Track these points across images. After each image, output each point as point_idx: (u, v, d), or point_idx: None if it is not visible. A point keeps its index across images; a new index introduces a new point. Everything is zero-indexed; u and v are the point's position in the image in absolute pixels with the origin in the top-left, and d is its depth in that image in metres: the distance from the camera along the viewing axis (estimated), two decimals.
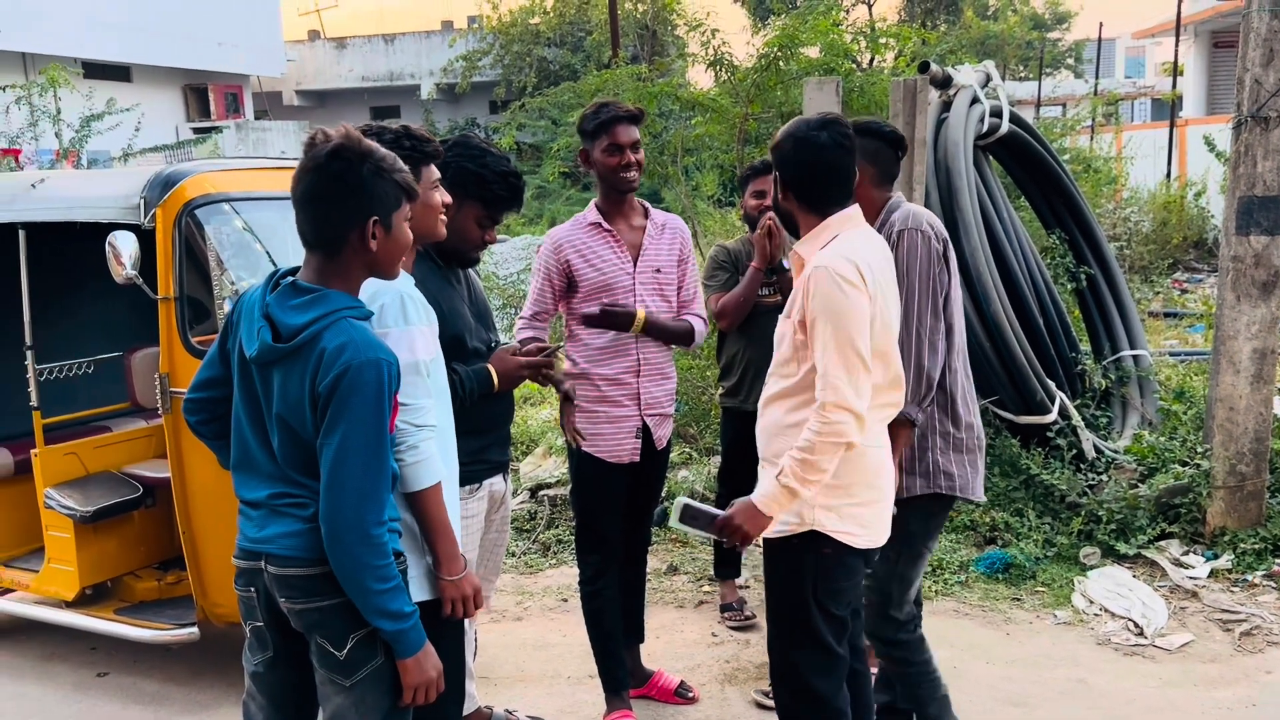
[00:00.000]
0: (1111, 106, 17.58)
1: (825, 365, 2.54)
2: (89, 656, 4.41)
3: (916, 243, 2.90)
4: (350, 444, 2.13)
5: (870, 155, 2.96)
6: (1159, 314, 9.89)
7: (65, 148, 15.69)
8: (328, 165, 2.16)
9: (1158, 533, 4.81)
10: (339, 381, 2.12)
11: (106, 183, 4.03)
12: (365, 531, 2.16)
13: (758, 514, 2.60)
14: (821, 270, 2.56)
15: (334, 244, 2.21)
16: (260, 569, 2.28)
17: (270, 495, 2.27)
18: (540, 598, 4.85)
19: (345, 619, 2.23)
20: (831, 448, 2.52)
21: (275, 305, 2.21)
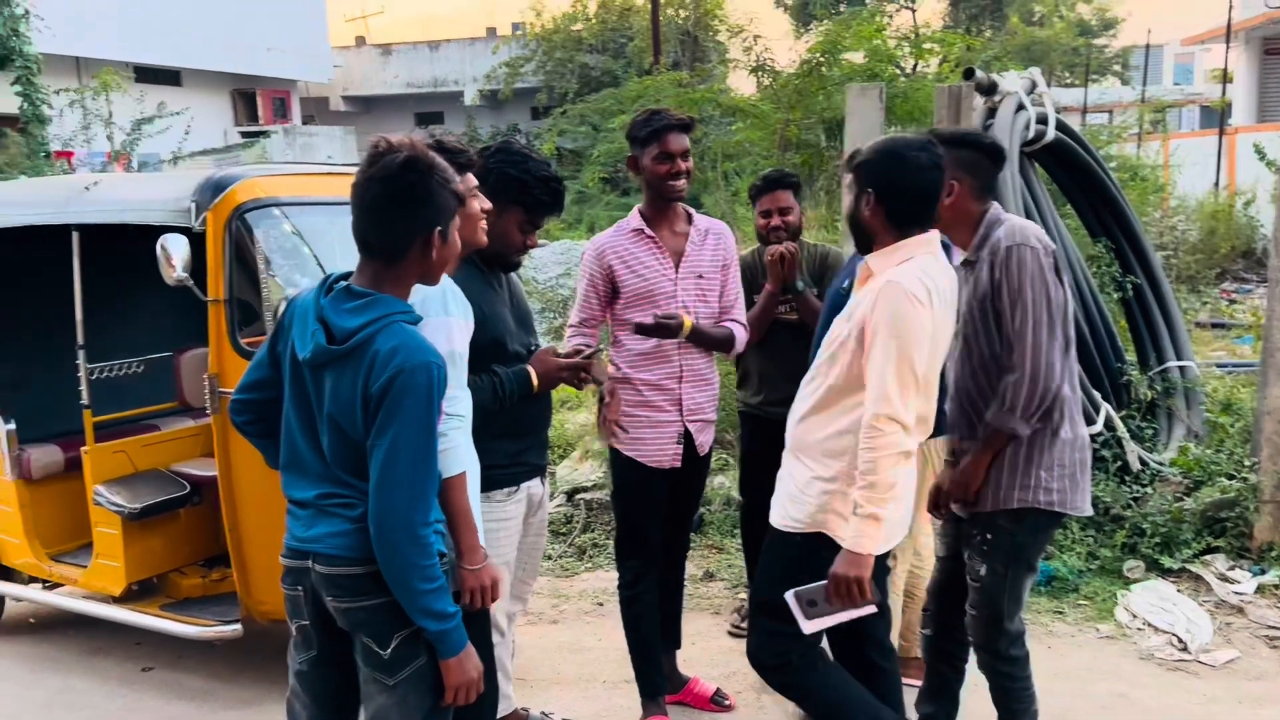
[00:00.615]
0: (1159, 114, 17.35)
1: (880, 378, 2.56)
2: (134, 651, 4.49)
3: (1026, 259, 2.84)
4: (401, 444, 2.17)
5: (969, 167, 2.96)
6: (1206, 324, 9.73)
7: (117, 151, 16.00)
8: (401, 175, 2.21)
9: (1203, 547, 4.74)
10: (392, 383, 2.16)
11: (158, 186, 4.11)
12: (413, 531, 2.19)
13: (857, 557, 2.61)
14: (894, 285, 2.59)
15: (397, 251, 2.26)
16: (308, 568, 2.32)
17: (318, 495, 2.31)
18: (576, 601, 4.87)
19: (390, 619, 2.26)
20: (891, 460, 2.55)
21: (330, 309, 2.25)
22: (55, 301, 4.45)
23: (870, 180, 2.72)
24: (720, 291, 3.59)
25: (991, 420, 2.88)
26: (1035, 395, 2.81)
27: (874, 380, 2.58)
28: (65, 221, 4.10)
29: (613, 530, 4.78)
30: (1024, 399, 2.80)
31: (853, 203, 2.80)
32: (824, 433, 2.73)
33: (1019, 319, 2.82)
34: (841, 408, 2.69)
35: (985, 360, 2.95)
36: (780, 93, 7.20)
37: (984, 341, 2.94)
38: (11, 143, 15.04)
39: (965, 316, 2.98)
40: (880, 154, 2.72)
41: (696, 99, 7.72)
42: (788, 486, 2.85)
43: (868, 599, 2.64)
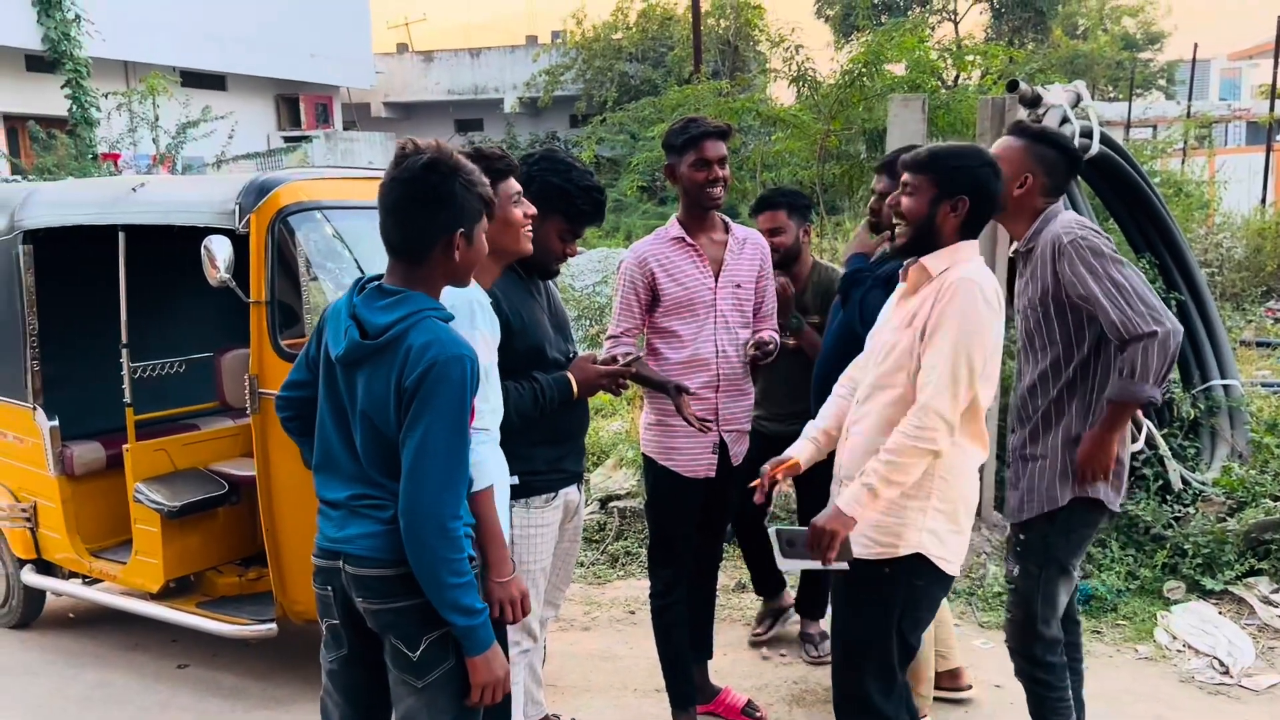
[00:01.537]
0: (1205, 129, 17.13)
1: (937, 370, 2.56)
2: (170, 648, 4.54)
3: (1091, 241, 2.89)
4: (433, 437, 2.18)
5: (1047, 164, 3.01)
6: (1251, 343, 9.57)
7: (162, 153, 16.25)
8: (423, 177, 2.23)
9: (1246, 569, 4.65)
10: (425, 376, 2.17)
11: (203, 188, 4.17)
12: (443, 524, 2.20)
13: (841, 514, 2.61)
14: (968, 281, 2.60)
15: (420, 252, 2.28)
16: (338, 568, 2.34)
17: (350, 496, 2.32)
18: (608, 609, 4.87)
19: (419, 621, 2.27)
20: (919, 453, 2.55)
21: (362, 306, 2.28)
22: (100, 300, 4.52)
23: (965, 187, 2.68)
24: (756, 302, 3.58)
25: (1120, 395, 2.83)
26: (1167, 354, 2.79)
27: (930, 373, 2.57)
28: (113, 221, 4.17)
29: (645, 539, 4.78)
30: (1155, 363, 2.78)
31: (927, 205, 2.71)
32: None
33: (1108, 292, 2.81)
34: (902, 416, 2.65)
35: (1056, 356, 2.97)
36: (821, 103, 7.17)
37: (1051, 334, 2.97)
38: (60, 144, 15.33)
39: (1026, 313, 3.00)
40: (982, 163, 2.71)
41: (736, 108, 7.71)
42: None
43: (837, 558, 2.62)
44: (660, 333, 3.48)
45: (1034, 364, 3.04)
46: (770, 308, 3.65)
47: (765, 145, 8.32)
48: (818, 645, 4.29)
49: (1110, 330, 2.83)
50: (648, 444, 3.57)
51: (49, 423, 4.48)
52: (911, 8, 29.55)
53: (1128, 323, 2.79)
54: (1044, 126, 3.20)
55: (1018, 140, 3.06)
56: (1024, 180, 3.00)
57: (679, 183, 3.47)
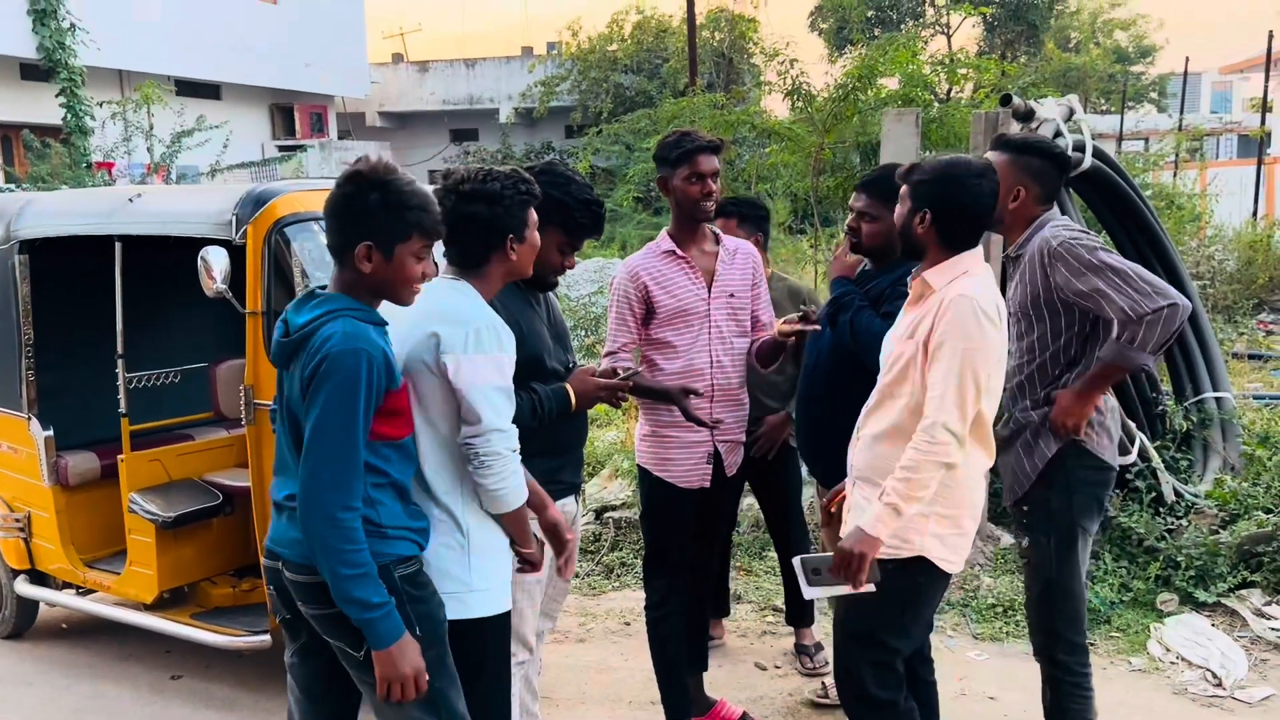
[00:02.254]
0: (1196, 142, 17.20)
1: (943, 387, 2.61)
2: (164, 659, 4.53)
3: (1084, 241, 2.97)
4: (322, 427, 2.23)
5: (1037, 174, 3.07)
6: (1242, 355, 9.61)
7: (156, 162, 16.25)
8: (341, 187, 2.34)
9: (1238, 581, 4.66)
10: (319, 367, 2.24)
11: (200, 199, 4.17)
12: (330, 514, 2.22)
13: (866, 536, 2.65)
14: (966, 299, 2.64)
15: (338, 257, 2.38)
16: (279, 569, 2.41)
17: (287, 496, 2.38)
18: (603, 620, 4.87)
19: (354, 625, 2.30)
20: (934, 467, 2.60)
21: (292, 310, 2.38)
22: (95, 310, 4.52)
23: (927, 200, 2.76)
24: (752, 311, 3.60)
25: (1113, 357, 2.91)
26: (1173, 326, 2.86)
27: (936, 388, 2.62)
28: (110, 231, 4.17)
29: (641, 550, 4.78)
30: (1158, 335, 2.86)
31: (906, 216, 2.83)
32: (897, 454, 2.72)
33: (1111, 281, 2.88)
34: (913, 422, 2.70)
35: (1044, 360, 3.06)
36: (815, 116, 7.21)
37: (1042, 337, 3.05)
38: (54, 153, 15.31)
39: (1016, 315, 3.07)
40: (940, 177, 2.76)
41: (732, 121, 7.75)
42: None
43: (866, 580, 2.67)
44: (655, 344, 3.50)
45: (1022, 365, 3.12)
46: (769, 317, 3.67)
47: (760, 158, 8.36)
48: (813, 656, 4.30)
49: (1119, 314, 2.89)
50: (642, 455, 3.58)
51: (44, 433, 4.48)
52: (905, 21, 29.70)
53: (1137, 304, 2.87)
54: (1026, 136, 3.25)
55: (1002, 155, 3.11)
56: (1017, 194, 3.06)
57: (671, 195, 3.49)
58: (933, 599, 2.87)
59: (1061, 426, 3.01)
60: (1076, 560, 3.07)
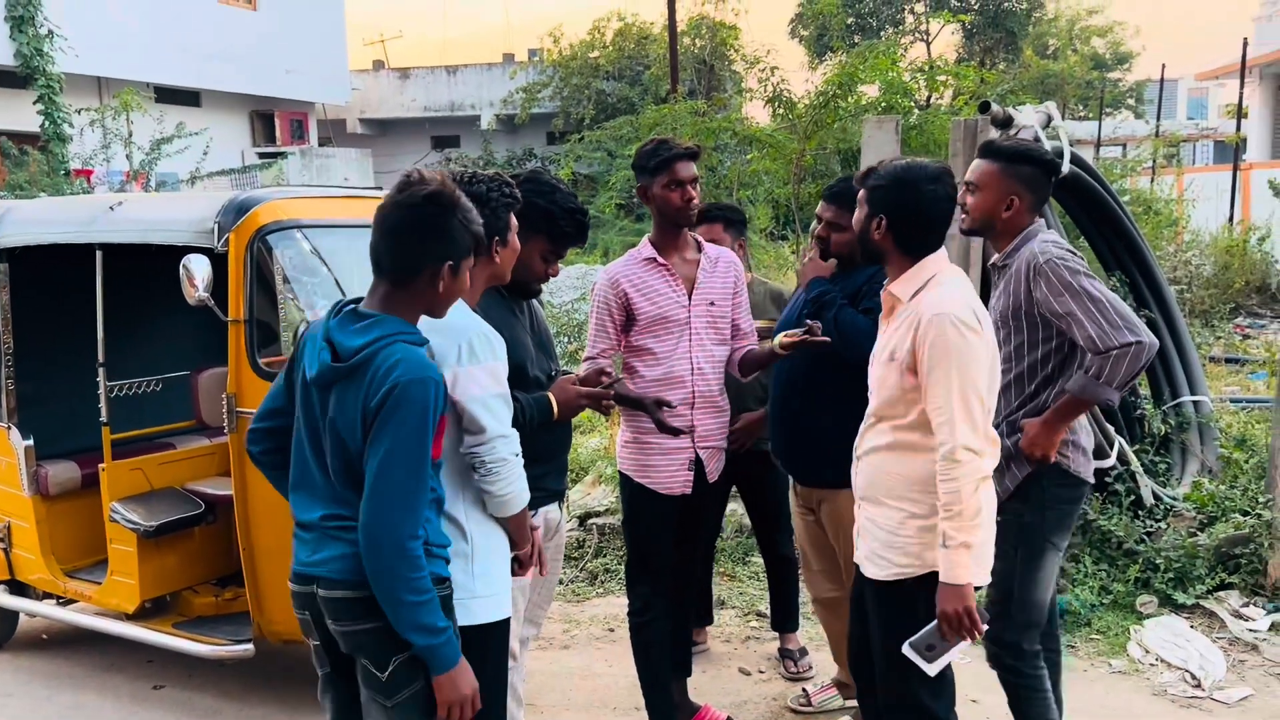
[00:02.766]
0: (1173, 148, 17.38)
1: (947, 411, 2.59)
2: (146, 669, 4.50)
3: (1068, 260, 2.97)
4: (393, 456, 2.22)
5: (1029, 183, 3.07)
6: (1220, 359, 9.71)
7: (135, 170, 16.14)
8: (423, 206, 2.30)
9: (1217, 583, 4.72)
10: (388, 396, 2.22)
11: (182, 207, 4.16)
12: (400, 543, 2.23)
13: (957, 589, 2.61)
14: (942, 317, 2.62)
15: (406, 276, 2.33)
16: (313, 593, 2.38)
17: (323, 517, 2.36)
18: (587, 626, 4.87)
19: (388, 642, 2.30)
20: (971, 488, 2.57)
21: (336, 329, 2.33)
22: (76, 319, 4.50)
23: (883, 206, 2.77)
24: (733, 320, 3.62)
25: (1079, 391, 2.92)
26: (1139, 364, 2.88)
27: (941, 414, 2.60)
28: (91, 240, 4.16)
29: (624, 556, 4.79)
30: (1124, 371, 2.87)
31: (863, 222, 2.85)
32: (906, 470, 2.73)
33: (1085, 307, 2.90)
34: (922, 445, 2.69)
35: (1021, 371, 3.07)
36: (796, 123, 7.25)
37: (1020, 348, 3.07)
38: (32, 160, 15.19)
39: (997, 325, 3.05)
40: (894, 182, 2.76)
41: (713, 128, 7.78)
42: (876, 534, 2.82)
43: (980, 627, 2.64)
44: (636, 351, 3.51)
45: (1002, 372, 3.10)
46: (750, 326, 3.69)
47: (742, 165, 8.39)
48: (796, 661, 4.32)
49: (1087, 343, 2.91)
50: (624, 461, 3.60)
51: (24, 442, 4.45)
52: (884, 28, 29.85)
53: (1105, 335, 2.88)
54: (1015, 143, 3.26)
55: (993, 164, 3.11)
56: (1011, 203, 3.06)
57: (652, 203, 3.52)
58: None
59: (1030, 456, 3.02)
60: (1041, 574, 3.09)
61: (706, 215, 4.20)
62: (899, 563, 2.74)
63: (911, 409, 2.70)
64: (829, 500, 3.51)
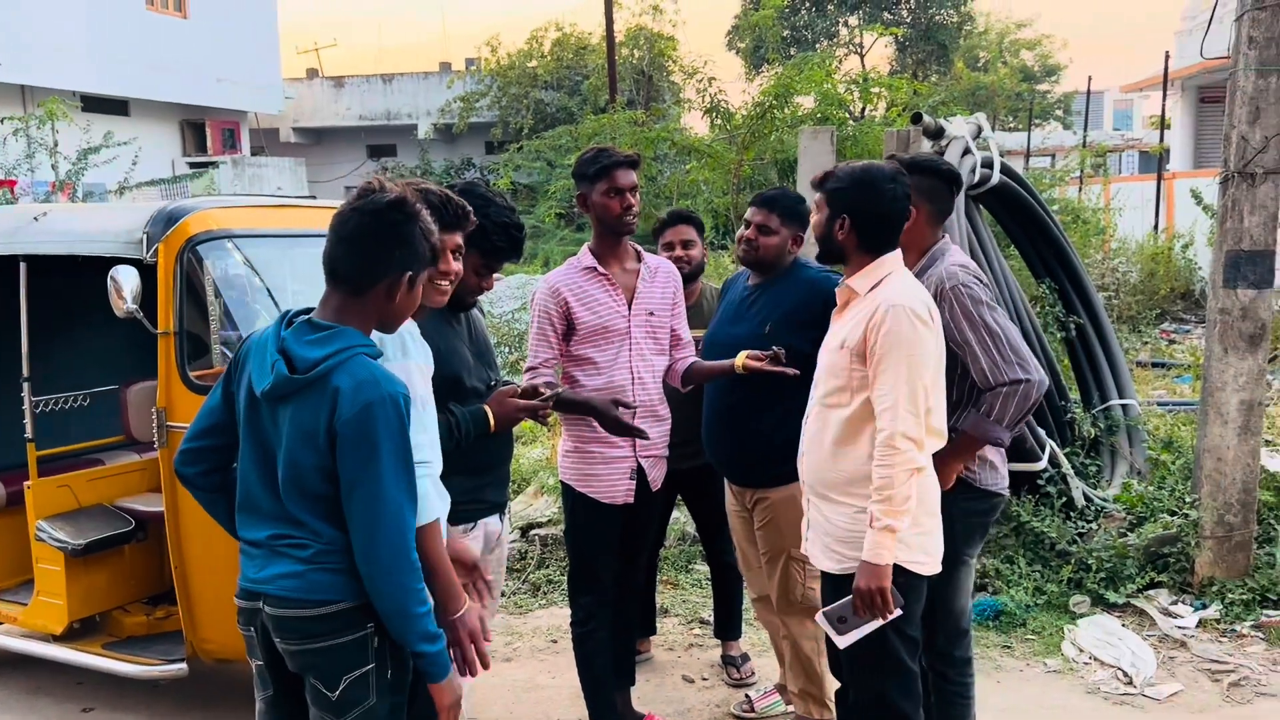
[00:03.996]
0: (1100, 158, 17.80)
1: (893, 399, 2.68)
2: (75, 691, 4.38)
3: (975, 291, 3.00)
4: (386, 478, 2.20)
5: (928, 193, 3.10)
6: (1147, 364, 9.96)
7: (61, 180, 15.74)
8: (386, 213, 2.26)
9: (1147, 582, 4.83)
10: (364, 418, 2.18)
11: (109, 217, 4.06)
12: (406, 558, 2.23)
13: (875, 568, 2.69)
14: (899, 308, 2.71)
15: (365, 285, 2.28)
16: (259, 609, 2.32)
17: (271, 535, 2.31)
18: (530, 638, 4.84)
19: (338, 660, 2.27)
20: (906, 476, 2.66)
21: (291, 340, 2.26)
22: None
23: (845, 206, 2.85)
24: (672, 329, 3.63)
25: (972, 429, 2.96)
26: (1028, 402, 2.92)
27: (885, 400, 2.69)
28: (13, 252, 4.04)
29: (567, 567, 4.77)
30: (1013, 410, 2.92)
31: (824, 223, 2.90)
32: (855, 464, 2.80)
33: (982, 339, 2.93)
34: (868, 435, 2.77)
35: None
36: (734, 133, 7.31)
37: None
38: None
39: None
40: (856, 183, 2.84)
41: (652, 138, 7.82)
42: (828, 529, 2.88)
43: (891, 608, 2.72)
44: (576, 361, 3.51)
45: None
46: (688, 335, 3.70)
47: (681, 174, 8.43)
48: (739, 667, 4.33)
49: (979, 376, 2.96)
50: (565, 471, 3.58)
51: None
52: (819, 41, 30.23)
53: (996, 370, 2.93)
54: (914, 155, 3.31)
55: None
56: (910, 214, 3.02)
57: (591, 211, 3.51)
58: (915, 597, 2.86)
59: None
60: (958, 582, 3.16)
61: (682, 216, 4.30)
62: (851, 555, 2.79)
63: (856, 397, 2.78)
64: (766, 498, 3.52)
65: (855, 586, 2.73)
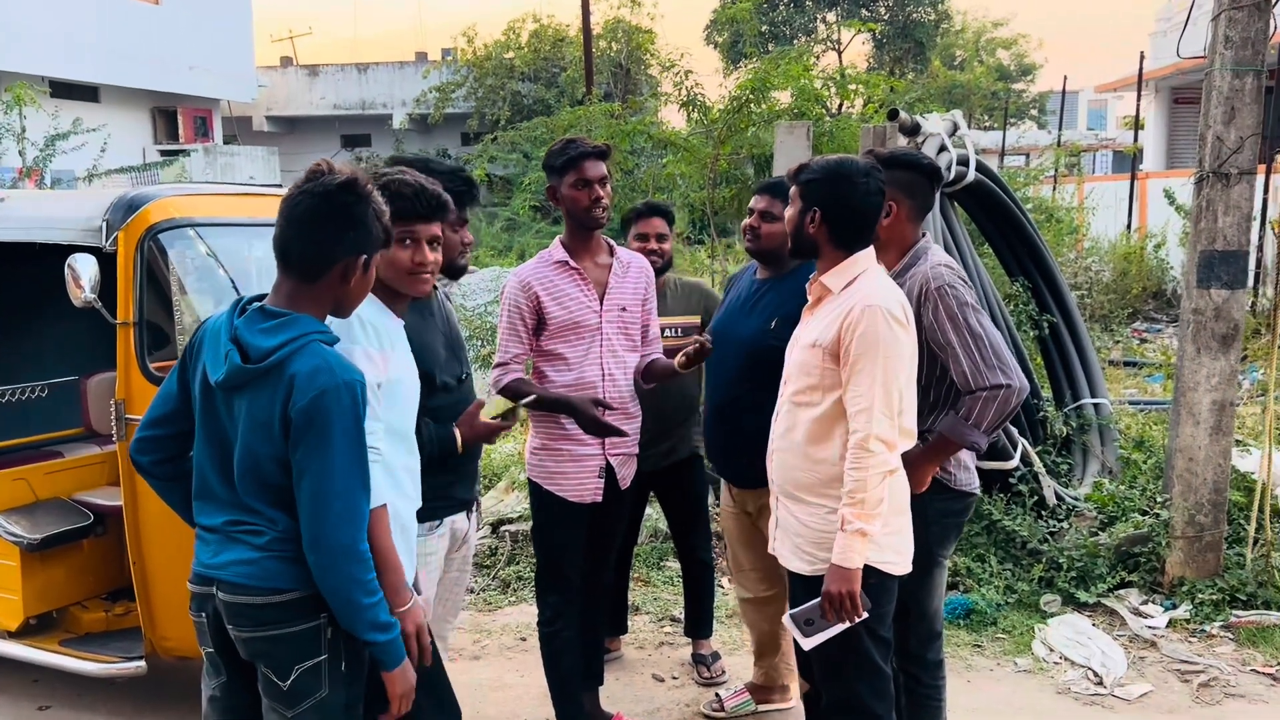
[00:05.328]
0: (1074, 158, 17.91)
1: (867, 400, 2.63)
2: (31, 689, 4.28)
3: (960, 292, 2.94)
4: (336, 466, 2.16)
5: (907, 188, 3.04)
6: (1118, 363, 10.01)
7: (28, 166, 15.51)
8: (338, 195, 2.21)
9: (1117, 581, 4.83)
10: (317, 405, 2.14)
11: (68, 204, 3.98)
12: (354, 548, 2.20)
13: (845, 570, 2.65)
14: (874, 309, 2.66)
15: (317, 270, 2.24)
16: (211, 594, 2.30)
17: (226, 521, 2.28)
18: (499, 636, 4.78)
19: (291, 650, 2.25)
20: (879, 479, 2.62)
21: (244, 329, 2.22)
22: None
23: (816, 199, 2.79)
24: (643, 323, 3.57)
25: (949, 431, 2.90)
26: (1007, 408, 2.87)
27: (860, 402, 2.65)
28: None
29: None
30: (992, 414, 2.86)
31: (796, 216, 2.85)
32: (826, 464, 2.75)
33: (964, 341, 2.88)
34: (839, 434, 2.72)
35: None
36: (711, 127, 7.27)
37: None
38: None
39: None
40: (829, 175, 2.79)
41: (628, 130, 7.77)
42: (799, 530, 2.83)
43: (860, 612, 2.68)
44: (546, 356, 3.45)
45: None
46: (656, 332, 3.66)
47: (657, 168, 8.39)
48: (710, 666, 4.29)
49: (959, 379, 2.92)
50: (533, 469, 3.52)
51: None
52: (797, 37, 30.26)
53: (977, 373, 2.88)
54: (893, 150, 3.24)
55: None
56: (889, 210, 2.97)
57: (562, 204, 3.46)
58: (888, 598, 2.82)
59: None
60: (931, 584, 3.12)
61: (651, 210, 4.25)
62: (823, 557, 2.75)
63: (828, 396, 2.73)
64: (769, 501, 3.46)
65: (825, 590, 2.68)
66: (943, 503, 3.06)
